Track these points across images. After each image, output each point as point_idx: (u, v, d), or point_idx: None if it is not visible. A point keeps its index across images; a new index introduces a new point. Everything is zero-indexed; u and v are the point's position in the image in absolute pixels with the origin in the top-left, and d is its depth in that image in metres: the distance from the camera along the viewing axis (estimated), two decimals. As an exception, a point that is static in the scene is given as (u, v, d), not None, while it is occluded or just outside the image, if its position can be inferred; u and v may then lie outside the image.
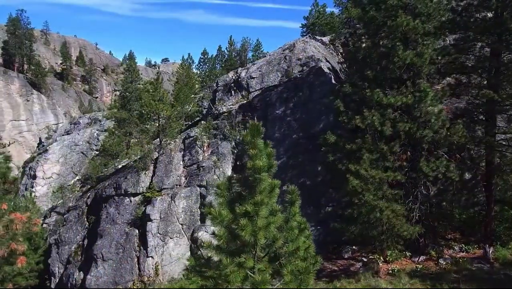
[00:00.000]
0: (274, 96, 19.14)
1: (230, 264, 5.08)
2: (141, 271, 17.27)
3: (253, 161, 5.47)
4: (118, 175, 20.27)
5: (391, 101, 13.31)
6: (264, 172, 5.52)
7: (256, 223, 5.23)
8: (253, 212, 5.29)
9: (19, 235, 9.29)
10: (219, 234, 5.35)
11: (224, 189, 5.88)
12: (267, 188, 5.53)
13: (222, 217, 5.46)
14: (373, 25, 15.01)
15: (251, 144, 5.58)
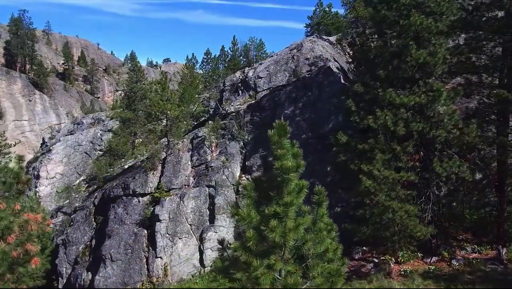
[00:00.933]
0: (283, 96, 19.05)
1: (260, 266, 4.99)
2: (150, 271, 17.19)
3: (281, 161, 5.37)
4: (126, 175, 20.20)
5: (404, 101, 13.20)
6: (293, 173, 5.41)
7: (286, 224, 5.13)
8: (282, 213, 5.19)
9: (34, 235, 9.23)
10: (249, 235, 5.24)
11: (251, 190, 5.78)
12: (295, 188, 5.43)
13: (251, 218, 5.35)
14: (385, 24, 14.91)
15: (278, 144, 5.47)
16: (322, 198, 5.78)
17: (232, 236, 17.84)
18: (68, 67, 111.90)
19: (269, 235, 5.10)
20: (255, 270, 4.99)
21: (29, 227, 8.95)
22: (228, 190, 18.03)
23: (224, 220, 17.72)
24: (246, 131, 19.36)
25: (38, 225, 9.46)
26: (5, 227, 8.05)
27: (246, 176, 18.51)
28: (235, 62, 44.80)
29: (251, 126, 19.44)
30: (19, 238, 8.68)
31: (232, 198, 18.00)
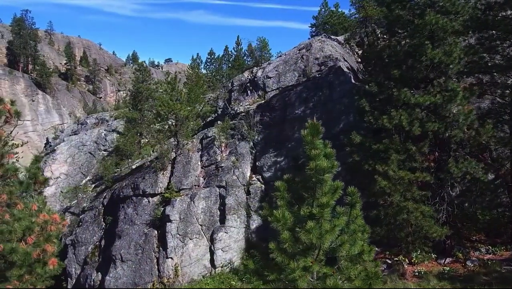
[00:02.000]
0: (293, 96, 18.97)
1: (297, 268, 4.91)
2: (161, 272, 17.11)
3: (315, 161, 5.29)
4: (135, 175, 20.13)
5: (420, 101, 13.12)
6: (327, 173, 5.33)
7: (322, 226, 5.05)
8: (318, 214, 5.11)
9: (53, 236, 9.18)
10: (285, 237, 5.16)
11: (284, 191, 5.70)
12: (330, 189, 5.35)
13: (285, 219, 5.27)
14: (398, 24, 14.84)
15: (311, 144, 5.39)
16: (356, 199, 5.69)
17: (243, 237, 17.79)
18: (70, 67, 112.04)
19: (305, 237, 5.01)
20: (292, 272, 4.92)
21: (48, 228, 8.91)
22: (239, 190, 17.95)
23: (235, 221, 17.65)
24: (256, 131, 19.30)
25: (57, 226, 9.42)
26: (26, 227, 7.99)
27: (257, 176, 18.45)
28: (240, 62, 44.74)
29: (261, 127, 19.37)
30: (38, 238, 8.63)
31: (243, 198, 17.93)
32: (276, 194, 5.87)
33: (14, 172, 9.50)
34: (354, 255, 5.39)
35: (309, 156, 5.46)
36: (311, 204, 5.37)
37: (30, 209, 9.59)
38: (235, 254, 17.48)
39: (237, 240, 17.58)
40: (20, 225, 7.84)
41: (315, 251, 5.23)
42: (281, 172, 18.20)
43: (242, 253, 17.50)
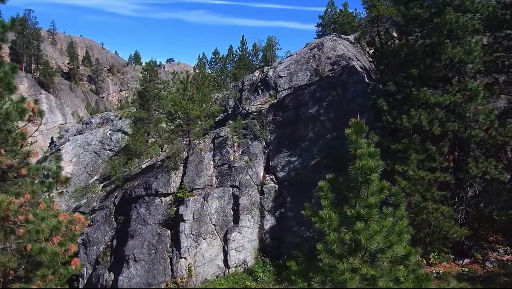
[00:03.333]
0: (306, 96, 18.85)
1: (347, 270, 4.80)
2: (174, 272, 17.01)
3: (361, 161, 5.18)
4: (147, 175, 20.03)
5: (440, 100, 13.00)
6: (374, 173, 5.22)
7: (370, 227, 4.94)
8: (366, 215, 5.00)
9: (77, 236, 9.10)
10: (333, 238, 5.06)
11: (327, 190, 5.59)
12: (377, 189, 5.24)
13: (331, 220, 5.16)
14: (416, 23, 14.73)
15: (356, 143, 5.29)
16: (400, 199, 5.58)
17: (256, 237, 17.69)
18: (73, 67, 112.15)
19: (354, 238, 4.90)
20: (342, 274, 4.81)
21: (73, 227, 8.82)
22: (253, 190, 17.84)
23: (249, 220, 17.54)
24: (268, 131, 19.19)
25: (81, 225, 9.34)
26: (53, 227, 7.90)
27: (270, 176, 18.34)
28: (246, 61, 44.65)
29: (274, 126, 19.26)
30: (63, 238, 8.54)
31: (256, 198, 17.82)
32: (320, 194, 5.76)
33: (36, 171, 9.41)
34: (400, 256, 5.28)
35: (355, 155, 5.33)
36: (353, 204, 5.24)
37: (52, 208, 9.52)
38: (249, 254, 17.37)
39: (250, 240, 17.48)
40: (48, 225, 7.74)
41: (361, 253, 5.11)
42: (295, 172, 18.12)
43: (256, 253, 17.41)
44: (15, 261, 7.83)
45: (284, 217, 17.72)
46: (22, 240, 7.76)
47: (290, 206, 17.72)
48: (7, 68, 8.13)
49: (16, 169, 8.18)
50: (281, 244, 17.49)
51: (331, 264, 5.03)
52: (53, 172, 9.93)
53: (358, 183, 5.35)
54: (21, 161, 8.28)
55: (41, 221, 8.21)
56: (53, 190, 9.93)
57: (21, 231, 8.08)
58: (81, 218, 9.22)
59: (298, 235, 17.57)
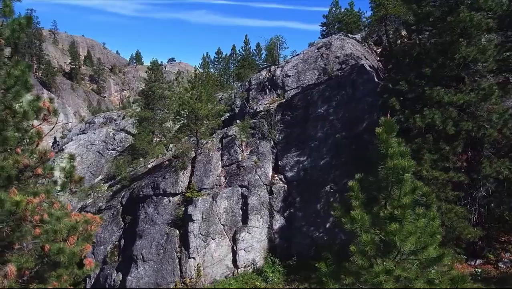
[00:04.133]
0: (315, 95, 18.74)
1: (382, 272, 4.70)
2: (183, 272, 16.91)
3: (393, 160, 5.07)
4: (155, 175, 19.94)
5: (453, 100, 12.90)
6: (407, 173, 5.11)
7: (404, 228, 4.84)
8: (400, 216, 4.89)
9: (93, 235, 9.01)
10: (366, 239, 4.95)
11: (358, 190, 5.49)
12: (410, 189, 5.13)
13: (364, 221, 5.06)
14: (428, 21, 14.61)
15: (387, 142, 5.18)
16: (431, 200, 5.47)
17: (265, 237, 17.59)
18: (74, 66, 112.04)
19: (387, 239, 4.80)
20: (376, 276, 4.70)
21: (88, 227, 8.73)
22: (262, 190, 17.75)
23: (258, 221, 17.45)
24: (277, 130, 19.09)
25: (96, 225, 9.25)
26: (71, 227, 7.80)
27: (279, 176, 18.24)
28: (250, 61, 44.55)
29: (282, 126, 19.16)
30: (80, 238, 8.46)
31: (265, 198, 17.72)
32: (350, 194, 5.65)
33: (50, 170, 9.32)
34: (432, 258, 5.17)
35: (387, 154, 5.22)
36: (383, 204, 5.14)
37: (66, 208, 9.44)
38: (258, 254, 17.28)
39: (259, 240, 17.39)
40: (66, 225, 7.65)
41: (393, 254, 5.01)
42: (304, 172, 18.02)
43: (265, 254, 17.31)
44: (32, 262, 7.74)
45: (293, 217, 17.63)
46: (40, 240, 7.67)
47: (300, 206, 17.63)
48: (23, 67, 8.03)
49: (32, 168, 8.09)
50: (290, 244, 17.40)
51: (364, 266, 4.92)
52: (66, 171, 9.83)
53: (390, 182, 5.24)
54: (38, 160, 8.19)
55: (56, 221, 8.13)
56: (67, 189, 9.84)
57: (37, 231, 7.99)
58: (96, 218, 9.13)
59: (307, 235, 17.48)
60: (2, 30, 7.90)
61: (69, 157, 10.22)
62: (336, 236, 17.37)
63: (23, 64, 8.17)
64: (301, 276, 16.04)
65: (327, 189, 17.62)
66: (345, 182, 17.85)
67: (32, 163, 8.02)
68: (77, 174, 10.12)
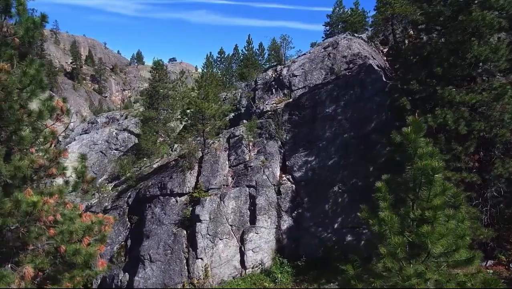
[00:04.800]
0: (323, 95, 18.65)
1: (413, 275, 4.61)
2: (190, 273, 16.83)
3: (423, 160, 4.98)
4: (162, 175, 19.85)
5: (465, 99, 12.80)
6: (438, 173, 5.02)
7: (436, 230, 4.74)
8: (431, 217, 4.80)
9: (106, 236, 8.93)
10: (397, 241, 4.85)
11: (386, 192, 5.39)
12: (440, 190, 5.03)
13: (393, 223, 4.96)
14: (438, 20, 14.51)
15: (415, 143, 5.08)
16: (460, 201, 5.38)
17: (273, 238, 17.50)
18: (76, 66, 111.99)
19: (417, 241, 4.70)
20: (408, 279, 4.61)
21: (103, 228, 8.65)
22: (269, 190, 17.66)
23: (265, 221, 17.36)
24: (284, 130, 18.99)
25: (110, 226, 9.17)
26: (87, 228, 7.72)
27: (287, 176, 18.15)
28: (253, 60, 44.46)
29: (289, 125, 19.07)
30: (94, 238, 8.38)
31: (273, 198, 17.63)
32: (377, 195, 5.55)
33: (62, 170, 9.24)
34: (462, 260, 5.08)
35: (416, 155, 5.13)
36: (411, 205, 5.04)
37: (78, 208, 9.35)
38: (266, 255, 17.20)
39: (267, 241, 17.30)
40: (81, 226, 7.56)
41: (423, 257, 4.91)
42: (312, 172, 17.93)
43: (273, 254, 17.23)
44: (47, 263, 7.66)
45: (301, 218, 17.54)
46: (55, 241, 7.59)
47: (308, 206, 17.54)
48: (37, 66, 7.94)
49: (47, 168, 8.00)
50: (298, 244, 17.31)
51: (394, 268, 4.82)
52: (78, 171, 9.74)
53: (418, 183, 5.15)
54: (52, 160, 8.10)
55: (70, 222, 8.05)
56: (79, 189, 9.76)
57: (51, 232, 7.91)
58: (110, 218, 9.05)
59: (315, 235, 17.40)
60: (16, 29, 7.82)
61: (81, 157, 10.15)
62: (344, 236, 17.30)
63: (37, 63, 8.08)
64: (310, 276, 15.96)
65: (336, 189, 17.53)
66: (353, 182, 17.84)
67: (46, 163, 7.93)
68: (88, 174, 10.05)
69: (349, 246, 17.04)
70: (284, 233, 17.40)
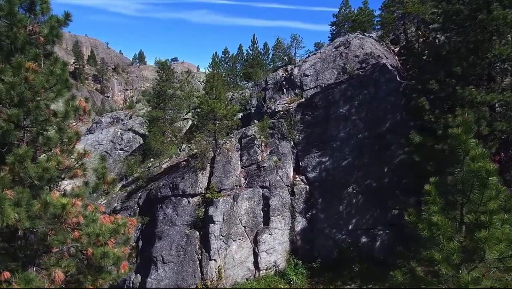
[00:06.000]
0: (337, 94, 18.47)
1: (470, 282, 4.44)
2: (204, 274, 16.67)
3: (475, 163, 4.80)
4: (173, 175, 19.69)
5: (486, 99, 12.61)
6: (492, 176, 4.84)
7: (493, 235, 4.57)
8: (487, 222, 4.62)
9: (130, 238, 8.79)
10: (453, 246, 4.67)
11: (435, 195, 5.21)
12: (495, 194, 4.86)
13: (446, 227, 4.78)
14: (457, 19, 14.33)
15: (466, 144, 4.90)
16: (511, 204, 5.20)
17: (287, 239, 17.33)
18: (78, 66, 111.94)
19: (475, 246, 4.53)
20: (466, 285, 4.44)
21: (126, 230, 8.50)
22: (283, 191, 17.49)
23: (279, 222, 17.18)
24: (297, 130, 18.82)
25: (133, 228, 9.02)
26: (113, 230, 7.56)
27: (301, 177, 17.97)
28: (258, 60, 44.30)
29: (302, 126, 18.89)
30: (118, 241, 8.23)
31: (287, 199, 17.46)
32: (427, 199, 5.36)
33: (84, 171, 9.09)
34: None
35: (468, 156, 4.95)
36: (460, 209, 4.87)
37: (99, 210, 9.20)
38: (280, 256, 17.02)
39: (281, 242, 17.13)
40: (108, 228, 7.41)
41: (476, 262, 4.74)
42: (326, 173, 17.75)
43: (287, 256, 17.05)
44: (74, 266, 7.51)
45: (315, 219, 17.36)
46: (81, 244, 7.43)
47: (322, 207, 17.36)
48: (61, 65, 7.80)
49: (71, 169, 7.85)
50: (313, 246, 17.13)
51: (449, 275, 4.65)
52: (99, 172, 9.60)
53: (469, 186, 4.97)
54: (77, 161, 7.95)
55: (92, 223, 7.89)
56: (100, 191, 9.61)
57: (76, 234, 7.76)
58: (133, 220, 8.90)
59: (330, 237, 17.22)
60: (40, 27, 7.67)
61: (101, 158, 9.99)
62: (359, 238, 17.12)
63: (61, 62, 7.94)
64: (325, 278, 15.78)
65: (350, 190, 17.35)
66: (367, 183, 17.66)
67: (72, 163, 7.78)
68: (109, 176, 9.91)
69: (364, 247, 16.87)
70: (298, 234, 17.23)
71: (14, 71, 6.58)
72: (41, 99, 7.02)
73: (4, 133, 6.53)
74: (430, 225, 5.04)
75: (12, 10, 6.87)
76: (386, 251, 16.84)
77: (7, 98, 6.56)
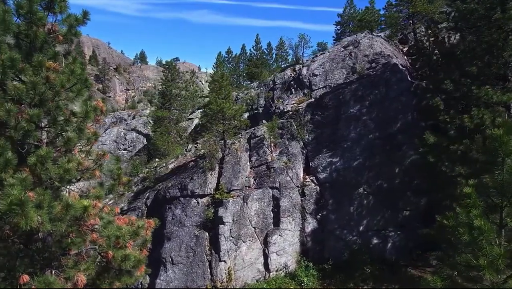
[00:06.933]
0: (347, 94, 18.32)
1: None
2: (213, 275, 16.54)
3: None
4: (182, 176, 19.54)
5: (502, 99, 12.45)
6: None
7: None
8: (531, 225, 4.49)
9: (148, 241, 8.66)
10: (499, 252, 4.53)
11: (476, 198, 5.06)
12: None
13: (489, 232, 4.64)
14: (471, 19, 14.17)
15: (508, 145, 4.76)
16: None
17: (297, 240, 17.19)
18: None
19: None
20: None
21: (144, 232, 8.36)
22: (293, 191, 17.34)
23: (290, 223, 17.05)
24: (306, 130, 18.67)
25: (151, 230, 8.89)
26: (133, 232, 7.42)
27: (311, 177, 17.82)
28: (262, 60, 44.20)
29: (312, 126, 18.74)
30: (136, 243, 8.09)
31: (297, 200, 17.32)
32: (467, 202, 5.22)
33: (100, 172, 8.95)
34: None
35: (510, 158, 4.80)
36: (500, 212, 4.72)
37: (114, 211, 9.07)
38: (290, 257, 16.89)
39: (291, 244, 16.99)
40: (128, 230, 7.26)
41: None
42: (336, 173, 17.60)
43: (298, 257, 16.91)
44: (93, 269, 7.36)
45: (326, 220, 17.22)
46: (99, 246, 7.30)
47: (332, 208, 17.22)
48: (79, 64, 7.66)
49: (90, 170, 7.71)
50: (323, 247, 17.00)
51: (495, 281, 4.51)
52: (114, 173, 9.46)
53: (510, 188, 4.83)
54: (96, 162, 7.81)
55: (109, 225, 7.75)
56: (115, 192, 9.48)
57: (94, 236, 7.63)
58: (151, 222, 8.77)
59: (340, 238, 17.08)
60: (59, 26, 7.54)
61: (116, 159, 9.86)
62: (370, 239, 16.99)
63: (79, 61, 7.80)
64: (337, 280, 15.64)
65: (361, 191, 17.21)
66: (378, 184, 17.51)
67: (91, 164, 7.65)
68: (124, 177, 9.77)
69: (375, 249, 16.73)
70: (308, 235, 17.09)
71: (35, 71, 6.44)
72: (61, 99, 6.87)
73: (25, 134, 6.40)
74: (471, 229, 4.90)
75: (32, 8, 6.72)
76: (397, 253, 16.71)
77: (28, 98, 6.42)
